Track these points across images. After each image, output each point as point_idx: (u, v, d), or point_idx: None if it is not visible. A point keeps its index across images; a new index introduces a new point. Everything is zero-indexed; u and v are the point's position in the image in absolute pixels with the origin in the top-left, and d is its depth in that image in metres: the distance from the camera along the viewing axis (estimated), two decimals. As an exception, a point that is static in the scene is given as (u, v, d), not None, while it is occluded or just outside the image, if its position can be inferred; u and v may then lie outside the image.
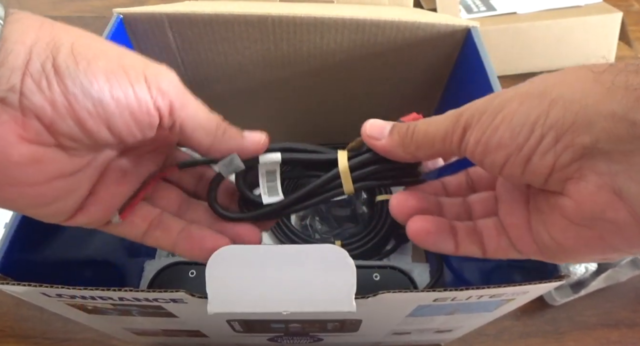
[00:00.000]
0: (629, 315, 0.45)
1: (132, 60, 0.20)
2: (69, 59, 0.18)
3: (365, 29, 0.37)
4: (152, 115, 0.20)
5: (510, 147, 0.18)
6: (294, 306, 0.22)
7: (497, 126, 0.19)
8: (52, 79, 0.18)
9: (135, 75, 0.20)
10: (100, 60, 0.19)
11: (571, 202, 0.18)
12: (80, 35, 0.20)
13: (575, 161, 0.17)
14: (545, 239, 0.20)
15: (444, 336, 0.40)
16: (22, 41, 0.18)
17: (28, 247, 0.27)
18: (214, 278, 0.22)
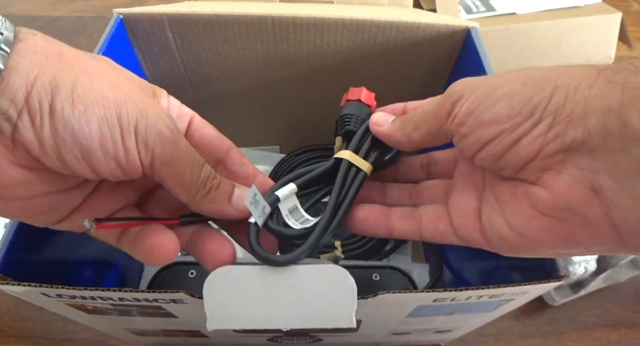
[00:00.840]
0: (629, 315, 0.45)
1: (129, 108, 0.20)
2: (66, 101, 0.18)
3: (365, 30, 0.37)
4: (137, 166, 0.20)
5: (505, 124, 0.18)
6: (293, 323, 0.22)
7: (495, 101, 0.18)
8: (46, 120, 0.18)
9: (128, 126, 0.20)
10: (97, 107, 0.19)
11: (545, 193, 0.18)
12: (86, 73, 0.19)
13: (560, 152, 0.17)
14: (499, 228, 0.20)
15: (444, 337, 0.40)
16: (26, 75, 0.18)
17: (28, 247, 0.27)
18: (212, 297, 0.22)
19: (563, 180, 0.17)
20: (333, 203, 0.24)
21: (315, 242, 0.23)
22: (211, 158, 0.26)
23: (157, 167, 0.21)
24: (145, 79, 0.42)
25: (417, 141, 0.23)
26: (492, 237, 0.21)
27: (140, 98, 0.20)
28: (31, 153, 0.18)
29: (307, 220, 0.25)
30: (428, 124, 0.22)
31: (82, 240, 0.34)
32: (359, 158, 0.25)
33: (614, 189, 0.16)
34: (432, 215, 0.24)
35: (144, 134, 0.20)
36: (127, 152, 0.20)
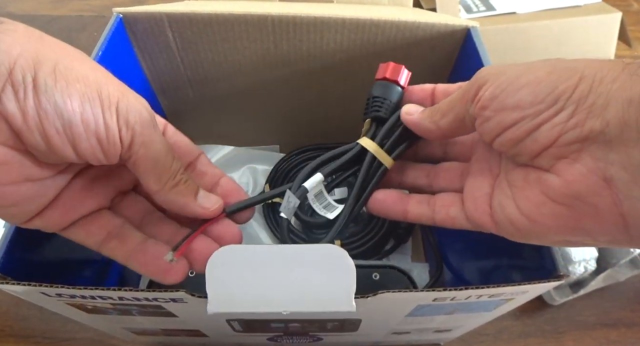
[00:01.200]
0: (628, 315, 0.45)
1: (110, 90, 0.20)
2: (49, 77, 0.19)
3: (365, 29, 0.37)
4: (116, 145, 0.21)
5: (528, 110, 0.18)
6: (294, 306, 0.22)
7: (520, 86, 0.19)
8: (29, 92, 0.18)
9: (109, 104, 0.20)
10: (79, 83, 0.19)
11: (558, 180, 0.18)
12: (67, 55, 0.20)
13: (577, 142, 0.17)
14: (510, 214, 0.20)
15: (444, 336, 0.40)
16: (9, 51, 0.18)
17: (28, 247, 0.27)
18: (214, 278, 0.22)
19: (577, 169, 0.18)
20: (356, 192, 0.27)
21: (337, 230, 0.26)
22: (183, 161, 0.26)
23: (135, 147, 0.21)
24: (145, 78, 0.43)
25: (445, 128, 0.24)
26: (501, 221, 0.21)
27: (119, 82, 0.22)
28: (13, 126, 0.19)
29: (330, 205, 0.27)
30: (455, 110, 0.22)
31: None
32: (383, 154, 0.27)
33: (626, 181, 0.16)
34: (445, 201, 0.25)
35: (125, 112, 0.21)
36: (107, 129, 0.20)
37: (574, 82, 0.17)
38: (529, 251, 0.28)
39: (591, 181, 0.17)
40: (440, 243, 0.44)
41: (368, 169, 0.27)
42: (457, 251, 0.41)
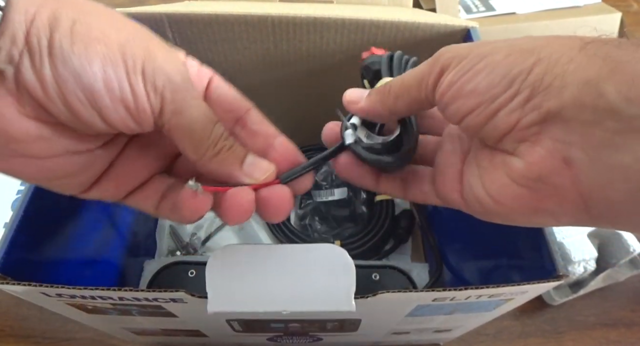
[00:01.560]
0: (628, 315, 0.45)
1: (135, 48, 0.18)
2: (65, 38, 0.17)
3: (364, 29, 0.37)
4: (147, 112, 0.19)
5: (484, 96, 0.18)
6: (294, 306, 0.22)
7: (477, 72, 0.18)
8: (45, 58, 0.17)
9: (133, 66, 0.18)
10: (99, 44, 0.17)
11: (520, 163, 0.18)
12: (86, 11, 0.18)
13: (536, 124, 0.17)
14: (478, 193, 0.20)
15: (443, 336, 0.40)
16: (25, 11, 0.16)
17: (28, 247, 0.27)
18: (214, 278, 0.22)
19: (537, 151, 0.18)
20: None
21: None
22: (230, 117, 0.24)
23: (166, 114, 0.19)
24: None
25: (401, 112, 0.23)
26: (469, 199, 0.21)
27: (147, 39, 0.19)
28: (35, 99, 0.17)
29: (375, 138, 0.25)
30: (411, 93, 0.21)
31: (82, 239, 0.34)
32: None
33: (584, 161, 0.16)
34: (417, 176, 0.24)
35: (152, 75, 0.19)
36: (134, 95, 0.18)
37: (530, 64, 0.17)
38: (528, 251, 0.28)
39: (551, 162, 0.17)
40: (440, 243, 0.44)
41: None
42: (456, 251, 0.41)
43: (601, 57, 0.16)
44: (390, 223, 0.48)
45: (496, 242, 0.34)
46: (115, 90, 0.18)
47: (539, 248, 0.26)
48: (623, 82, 0.15)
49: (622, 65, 0.15)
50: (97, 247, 0.36)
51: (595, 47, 0.16)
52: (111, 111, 0.18)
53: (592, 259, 0.41)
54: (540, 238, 0.26)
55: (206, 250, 0.49)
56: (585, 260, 0.41)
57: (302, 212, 0.50)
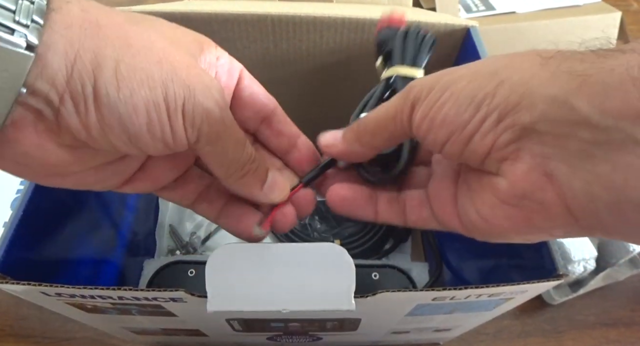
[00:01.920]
0: (627, 314, 0.45)
1: (176, 86, 0.19)
2: (111, 85, 0.17)
3: (364, 28, 0.37)
4: (183, 145, 0.20)
5: (454, 124, 0.18)
6: (293, 305, 0.22)
7: (444, 102, 0.19)
8: (90, 105, 0.17)
9: (175, 108, 0.19)
10: (143, 88, 0.18)
11: (504, 182, 0.18)
12: (128, 46, 0.18)
13: (513, 142, 0.17)
14: (471, 215, 0.20)
15: (443, 335, 0.40)
16: (65, 53, 0.16)
17: (27, 246, 0.27)
18: (214, 277, 0.22)
19: (518, 168, 0.18)
20: None
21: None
22: (258, 116, 0.26)
23: (201, 144, 0.20)
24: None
25: (381, 146, 0.23)
26: (465, 223, 0.21)
27: (187, 72, 0.19)
28: (78, 138, 0.18)
29: None
30: (388, 129, 0.22)
31: (81, 238, 0.34)
32: (408, 68, 0.26)
33: (565, 172, 0.16)
34: (415, 201, 0.24)
35: (192, 114, 0.19)
36: (174, 133, 0.19)
37: (493, 87, 0.17)
38: (528, 250, 0.28)
39: (533, 178, 0.17)
40: (440, 242, 0.44)
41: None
42: (456, 250, 0.41)
43: (565, 72, 0.16)
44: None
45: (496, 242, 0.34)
46: (157, 132, 0.19)
47: (538, 247, 0.26)
48: (595, 95, 0.15)
49: (589, 79, 0.15)
50: (96, 246, 0.36)
51: (557, 62, 0.16)
52: (150, 147, 0.19)
53: (592, 258, 0.41)
54: (540, 238, 0.26)
55: (206, 249, 0.49)
56: (585, 259, 0.41)
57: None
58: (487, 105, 0.18)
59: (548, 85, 0.16)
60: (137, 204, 0.44)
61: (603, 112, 0.15)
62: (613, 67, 0.15)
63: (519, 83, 0.17)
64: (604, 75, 0.15)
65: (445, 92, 0.19)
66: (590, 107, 0.15)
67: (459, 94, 0.18)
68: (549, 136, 0.16)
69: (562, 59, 0.16)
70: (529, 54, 0.18)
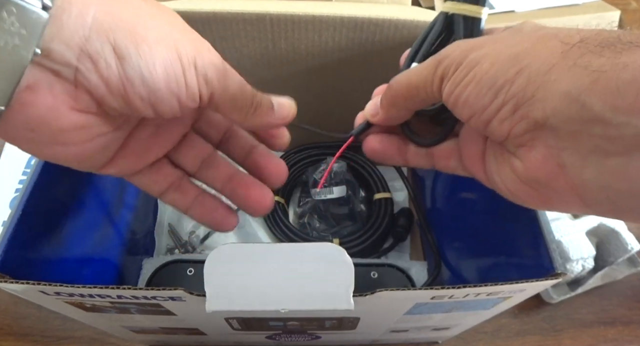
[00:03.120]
0: (626, 313, 0.46)
1: (186, 45, 0.20)
2: (130, 43, 0.18)
3: (363, 28, 0.37)
4: (196, 101, 0.21)
5: (475, 107, 0.19)
6: (292, 304, 0.22)
7: (467, 83, 0.19)
8: (112, 61, 0.18)
9: (188, 63, 0.20)
10: (159, 46, 0.19)
11: (521, 165, 0.19)
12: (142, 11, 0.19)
13: (528, 132, 0.18)
14: (496, 181, 0.21)
15: (442, 334, 0.40)
16: (81, 15, 0.17)
17: (26, 245, 0.27)
18: (213, 276, 0.22)
19: (533, 156, 0.18)
20: None
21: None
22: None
23: (215, 98, 0.22)
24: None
25: (416, 108, 0.24)
26: (492, 184, 0.22)
27: (191, 34, 0.21)
28: (94, 96, 0.19)
29: None
30: (420, 95, 0.23)
31: (80, 237, 0.34)
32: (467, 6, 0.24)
33: (578, 165, 0.17)
34: (444, 152, 0.25)
35: (203, 69, 0.21)
36: (188, 88, 0.20)
37: (512, 74, 0.18)
38: (527, 249, 0.28)
39: (547, 167, 0.18)
40: (439, 241, 0.44)
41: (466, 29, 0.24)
42: (455, 249, 0.41)
43: (582, 67, 0.16)
44: (389, 221, 0.48)
45: (495, 240, 0.34)
46: (174, 88, 0.20)
47: (537, 246, 0.26)
48: (608, 93, 0.15)
49: (604, 76, 0.15)
50: (95, 245, 0.36)
51: (577, 54, 0.16)
52: (165, 104, 0.20)
53: (590, 257, 0.41)
54: (538, 237, 0.26)
55: (205, 248, 0.49)
56: (584, 258, 0.41)
57: (300, 210, 0.51)
58: (505, 93, 0.18)
59: (563, 80, 0.16)
60: (136, 203, 0.44)
61: (615, 109, 0.15)
62: (627, 63, 0.15)
63: (537, 73, 0.17)
64: (618, 72, 0.15)
65: (470, 72, 0.19)
66: (602, 103, 0.15)
67: (481, 77, 0.19)
68: (562, 131, 0.17)
69: (582, 51, 0.16)
70: (552, 40, 0.18)
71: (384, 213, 0.48)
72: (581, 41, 0.17)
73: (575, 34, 0.17)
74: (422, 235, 0.48)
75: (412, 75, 0.22)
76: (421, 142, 0.26)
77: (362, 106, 0.29)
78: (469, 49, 0.20)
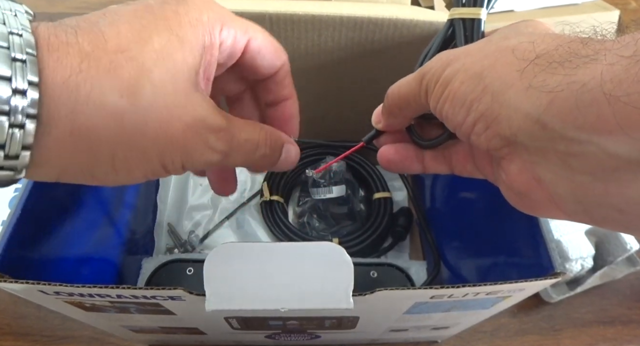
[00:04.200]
0: (625, 312, 0.46)
1: (173, 155, 0.19)
2: (109, 170, 0.18)
3: (362, 27, 0.37)
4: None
5: (454, 122, 0.20)
6: (292, 304, 0.22)
7: (445, 100, 0.20)
8: (90, 182, 0.19)
9: (175, 169, 0.20)
10: (140, 166, 0.19)
11: (505, 176, 0.20)
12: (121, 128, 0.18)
13: (504, 146, 0.18)
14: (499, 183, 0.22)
15: (441, 333, 0.40)
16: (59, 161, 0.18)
17: (26, 245, 0.27)
18: (212, 276, 0.22)
19: (512, 168, 0.19)
20: None
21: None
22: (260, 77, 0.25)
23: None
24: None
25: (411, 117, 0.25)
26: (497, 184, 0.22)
27: (185, 135, 0.19)
28: None
29: None
30: (412, 106, 0.23)
31: (79, 237, 0.34)
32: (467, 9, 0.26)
33: (551, 179, 0.17)
34: (460, 155, 0.25)
35: (192, 166, 0.20)
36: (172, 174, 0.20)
37: (479, 92, 0.18)
38: (526, 249, 0.28)
39: (525, 179, 0.18)
40: (438, 241, 0.44)
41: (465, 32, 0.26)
42: (455, 249, 0.42)
43: (537, 88, 0.16)
44: (388, 221, 0.48)
45: (494, 240, 0.34)
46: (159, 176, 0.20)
47: (536, 245, 0.26)
48: (566, 112, 0.15)
49: (560, 95, 0.15)
50: (95, 244, 0.36)
51: (532, 73, 0.16)
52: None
53: (589, 257, 0.41)
54: (537, 236, 0.26)
55: (204, 247, 0.49)
56: (583, 257, 0.41)
57: (300, 209, 0.51)
58: (474, 110, 0.18)
59: (522, 100, 0.17)
60: (136, 202, 0.44)
61: (577, 127, 0.15)
62: (585, 81, 0.15)
63: (499, 91, 0.17)
64: (575, 92, 0.15)
65: (445, 90, 0.20)
66: (562, 123, 0.15)
67: (454, 95, 0.19)
68: (532, 148, 0.17)
69: (537, 70, 0.16)
70: (508, 55, 0.18)
71: (384, 213, 0.48)
72: (537, 57, 0.17)
73: (532, 49, 0.17)
74: (421, 234, 0.49)
75: (402, 87, 0.23)
76: (421, 143, 0.26)
77: (362, 105, 0.29)
78: (446, 63, 0.20)
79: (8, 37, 0.15)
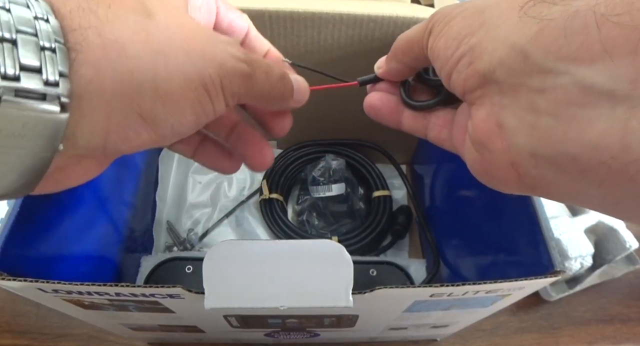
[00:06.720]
0: (623, 311, 0.46)
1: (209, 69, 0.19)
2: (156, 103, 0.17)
3: (362, 25, 0.37)
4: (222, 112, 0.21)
5: (442, 58, 0.19)
6: (291, 301, 0.22)
7: (441, 37, 0.19)
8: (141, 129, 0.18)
9: (215, 92, 0.19)
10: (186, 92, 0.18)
11: (470, 126, 0.19)
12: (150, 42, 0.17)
13: (479, 88, 0.18)
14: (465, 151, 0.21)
15: (440, 332, 0.40)
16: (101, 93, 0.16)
17: (24, 243, 0.27)
18: (211, 273, 0.22)
19: (479, 114, 0.18)
20: None
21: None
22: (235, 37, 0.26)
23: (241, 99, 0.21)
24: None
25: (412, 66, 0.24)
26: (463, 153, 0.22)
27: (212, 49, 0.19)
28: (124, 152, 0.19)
29: None
30: (415, 51, 0.23)
31: (78, 235, 0.34)
32: None
33: (513, 125, 0.17)
34: (440, 120, 0.25)
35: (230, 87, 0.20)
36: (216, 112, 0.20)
37: (476, 26, 0.18)
38: (525, 247, 0.28)
39: (487, 126, 0.18)
40: (438, 239, 0.44)
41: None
42: (454, 247, 0.42)
43: (531, 17, 0.16)
44: (387, 219, 0.48)
45: (493, 238, 0.34)
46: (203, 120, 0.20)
47: (536, 244, 0.26)
48: (551, 41, 0.15)
49: (551, 23, 0.15)
50: (93, 242, 0.36)
51: (529, 7, 0.16)
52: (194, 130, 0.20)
53: (588, 255, 0.41)
54: (537, 234, 0.26)
55: (203, 245, 0.49)
56: (582, 256, 0.41)
57: (299, 207, 0.50)
58: (465, 44, 0.18)
59: (512, 31, 0.16)
60: (134, 201, 0.44)
61: (558, 58, 0.15)
62: (578, 7, 0.14)
63: (494, 25, 0.17)
64: (566, 19, 0.15)
65: (445, 26, 0.19)
66: (544, 53, 0.15)
67: (451, 29, 0.19)
68: (506, 86, 0.17)
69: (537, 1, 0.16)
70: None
71: (383, 211, 0.48)
72: None
73: None
74: (420, 232, 0.49)
75: (411, 31, 0.23)
76: (409, 102, 0.26)
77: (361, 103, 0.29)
78: (455, 6, 0.20)
79: None
